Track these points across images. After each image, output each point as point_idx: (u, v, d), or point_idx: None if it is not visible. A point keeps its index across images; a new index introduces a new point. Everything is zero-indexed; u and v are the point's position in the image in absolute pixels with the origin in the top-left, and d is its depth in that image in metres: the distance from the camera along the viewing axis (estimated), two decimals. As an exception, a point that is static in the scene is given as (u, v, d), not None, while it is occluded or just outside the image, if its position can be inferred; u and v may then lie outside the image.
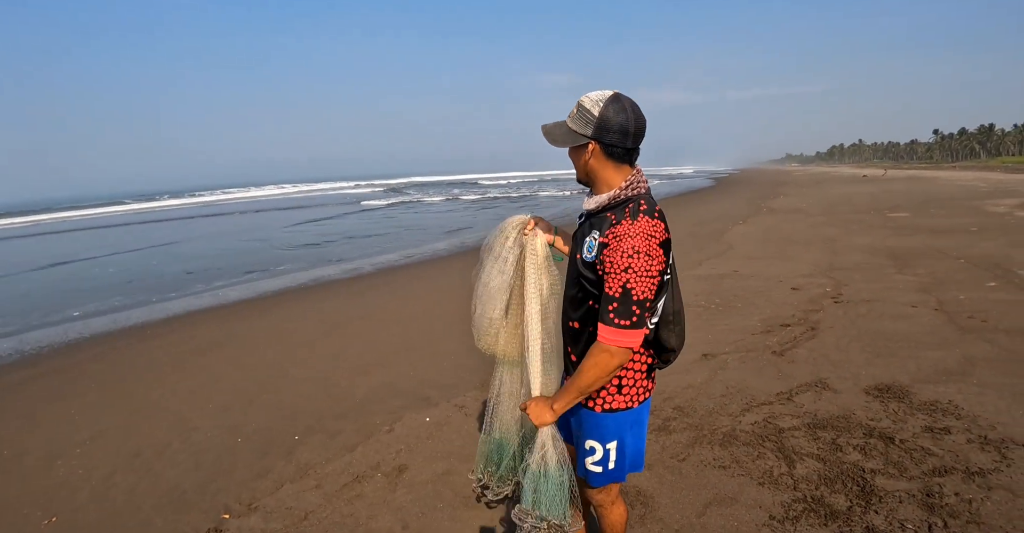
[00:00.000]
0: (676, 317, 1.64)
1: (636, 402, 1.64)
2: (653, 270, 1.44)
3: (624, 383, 1.62)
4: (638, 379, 1.63)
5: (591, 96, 1.50)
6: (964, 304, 5.11)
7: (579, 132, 1.51)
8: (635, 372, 1.62)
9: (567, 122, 1.54)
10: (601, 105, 1.47)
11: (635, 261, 1.42)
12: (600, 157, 1.52)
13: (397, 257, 10.85)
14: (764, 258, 8.15)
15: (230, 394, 4.20)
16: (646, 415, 1.71)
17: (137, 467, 3.23)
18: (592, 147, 1.51)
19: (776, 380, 3.68)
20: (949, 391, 3.33)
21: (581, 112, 1.50)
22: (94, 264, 12.35)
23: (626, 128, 1.48)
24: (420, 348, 4.97)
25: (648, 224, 1.46)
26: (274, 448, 3.33)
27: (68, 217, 34.07)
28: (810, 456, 2.72)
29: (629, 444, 1.68)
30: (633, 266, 1.42)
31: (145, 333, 6.14)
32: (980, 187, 21.80)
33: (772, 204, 18.22)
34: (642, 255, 1.42)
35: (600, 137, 1.49)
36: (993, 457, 2.60)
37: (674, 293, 1.63)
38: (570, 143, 1.54)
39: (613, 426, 1.65)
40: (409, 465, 3.01)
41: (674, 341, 1.64)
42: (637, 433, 1.69)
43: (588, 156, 1.53)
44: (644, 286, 1.43)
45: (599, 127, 1.48)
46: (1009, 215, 11.72)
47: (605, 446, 1.66)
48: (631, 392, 1.63)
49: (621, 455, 1.67)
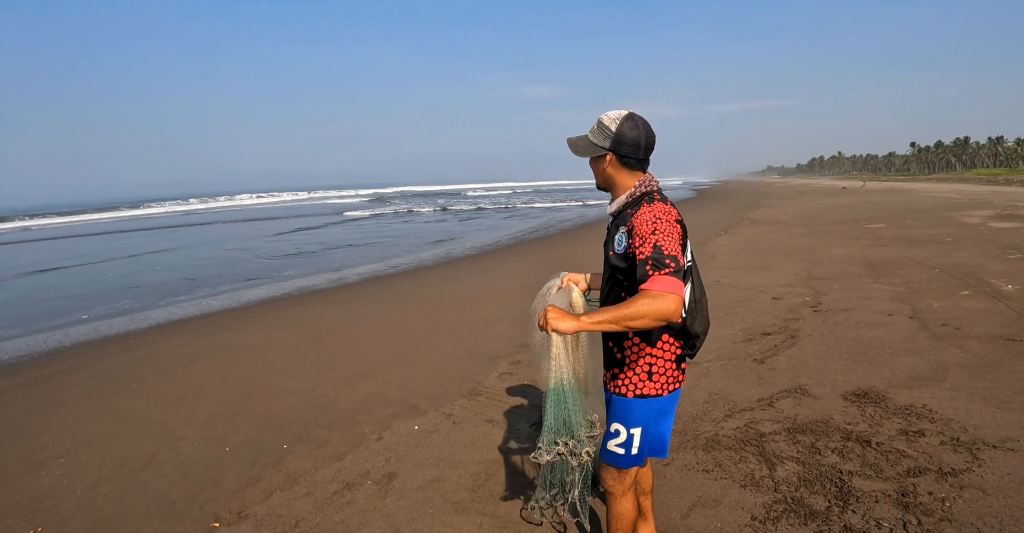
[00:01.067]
0: (699, 304, 1.79)
1: (666, 390, 1.77)
2: (676, 236, 1.60)
3: (655, 370, 1.76)
4: (668, 369, 1.77)
5: (610, 115, 1.75)
6: (938, 312, 5.26)
7: (598, 144, 1.75)
8: (665, 361, 1.76)
9: (588, 136, 1.78)
10: (618, 122, 1.72)
11: (659, 224, 1.60)
12: (616, 165, 1.76)
13: (382, 266, 10.86)
14: (745, 268, 8.30)
15: (216, 404, 4.17)
16: (674, 405, 1.83)
17: (123, 477, 3.19)
18: (609, 157, 1.75)
19: (757, 387, 3.77)
20: (923, 396, 3.44)
21: (600, 127, 1.74)
22: (77, 273, 12.20)
23: (638, 141, 1.72)
24: (406, 358, 4.99)
25: (664, 207, 1.67)
26: (262, 458, 3.31)
27: (52, 224, 33.58)
28: (790, 459, 2.80)
29: (653, 432, 1.79)
30: (659, 228, 1.59)
31: (129, 342, 6.09)
32: (955, 199, 22.33)
33: (753, 215, 18.50)
34: (663, 221, 1.61)
35: (616, 149, 1.73)
36: (965, 458, 2.70)
37: (695, 281, 1.79)
38: (591, 154, 1.78)
39: (640, 412, 1.77)
40: (399, 472, 3.02)
41: (698, 326, 1.78)
42: (662, 422, 1.81)
43: (606, 165, 1.77)
44: (673, 243, 1.58)
45: (615, 140, 1.72)
46: (983, 226, 12.04)
47: (630, 430, 1.77)
48: (661, 380, 1.76)
49: (645, 441, 1.78)
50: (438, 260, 11.54)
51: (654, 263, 1.54)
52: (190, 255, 14.52)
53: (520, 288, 7.38)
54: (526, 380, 4.15)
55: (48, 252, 17.96)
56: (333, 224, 24.30)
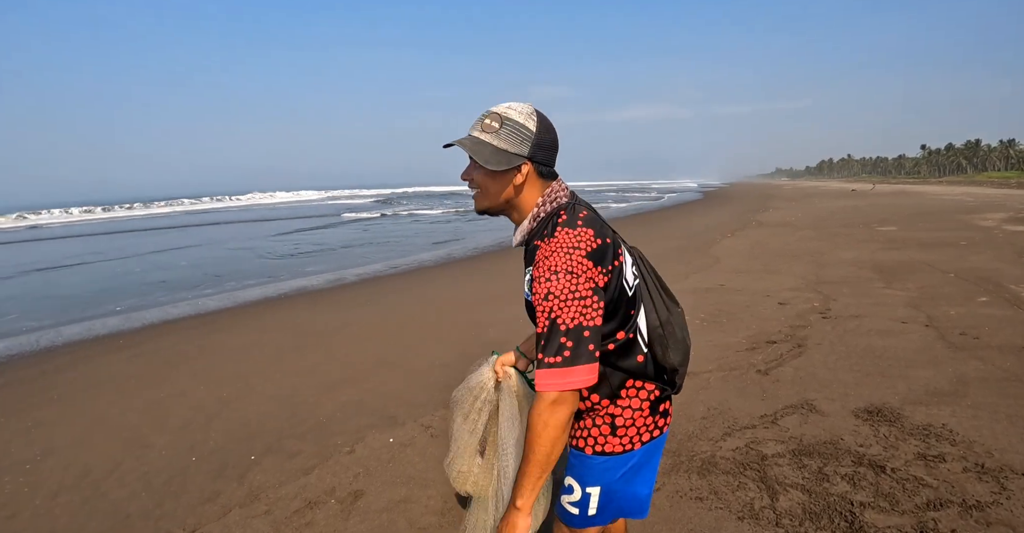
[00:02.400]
0: (666, 328, 1.39)
1: (638, 444, 1.38)
2: (581, 289, 1.20)
3: (619, 423, 1.36)
4: (639, 417, 1.37)
5: (516, 108, 1.29)
6: (955, 320, 4.97)
7: (513, 151, 1.27)
8: (631, 410, 1.36)
9: (488, 140, 1.28)
10: (535, 119, 1.29)
11: (553, 284, 1.20)
12: (533, 179, 1.33)
13: (382, 267, 10.64)
14: (751, 272, 8.01)
15: (191, 410, 4.00)
16: (653, 457, 1.44)
17: (84, 487, 3.04)
18: (527, 169, 1.30)
19: (760, 401, 3.50)
20: (942, 414, 3.16)
21: (512, 127, 1.27)
22: (76, 271, 12.07)
23: (555, 143, 1.33)
24: (393, 364, 4.76)
25: (568, 236, 1.24)
26: (228, 469, 3.13)
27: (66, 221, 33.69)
28: (794, 487, 2.52)
29: (620, 491, 1.40)
30: (553, 290, 1.20)
31: (118, 343, 5.91)
32: (967, 201, 21.93)
33: (761, 217, 18.18)
34: (561, 274, 1.20)
35: (534, 155, 1.29)
36: (991, 488, 2.42)
37: (655, 302, 1.40)
38: (504, 165, 1.27)
39: (601, 470, 1.38)
40: (366, 490, 2.81)
41: (673, 357, 1.38)
42: (635, 479, 1.42)
43: (522, 179, 1.30)
44: (572, 311, 1.18)
45: (536, 145, 1.29)
46: (998, 229, 11.69)
47: (585, 489, 1.40)
48: (630, 433, 1.37)
49: (606, 501, 1.40)
50: (438, 261, 11.32)
51: (546, 348, 1.19)
52: (193, 254, 14.39)
53: (517, 290, 7.14)
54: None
55: (52, 251, 17.91)
56: (340, 224, 24.15)
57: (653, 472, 1.45)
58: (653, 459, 1.44)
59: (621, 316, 1.32)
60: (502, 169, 1.28)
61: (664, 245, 11.51)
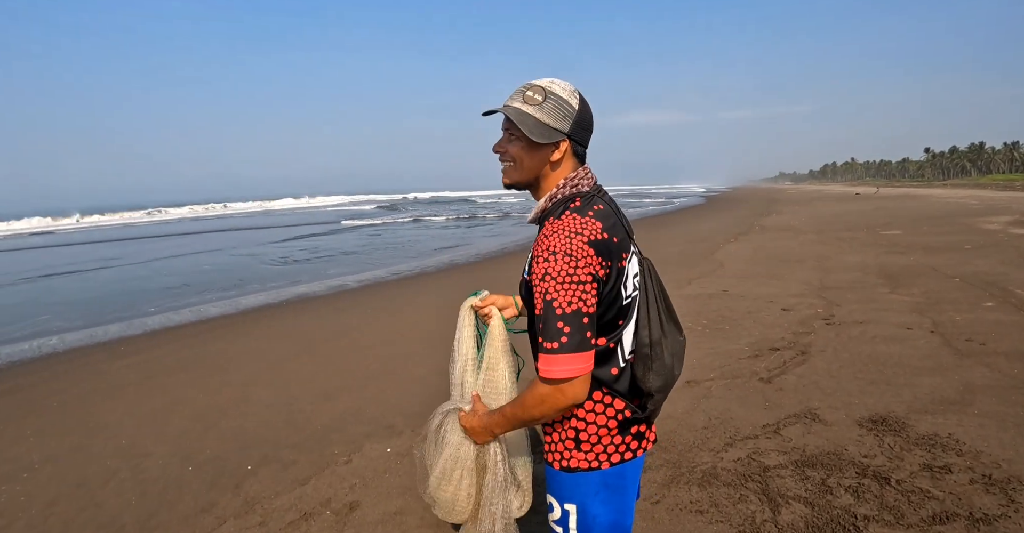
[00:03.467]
0: (655, 348, 1.30)
1: (605, 462, 1.31)
2: (580, 274, 1.15)
3: (583, 438, 1.30)
4: (603, 435, 1.30)
5: (559, 84, 1.27)
6: (961, 325, 4.90)
7: (554, 126, 1.25)
8: (596, 425, 1.30)
9: (531, 111, 1.24)
10: (577, 97, 1.27)
11: (551, 265, 1.15)
12: (568, 157, 1.30)
13: (384, 273, 10.62)
14: (754, 277, 7.95)
15: (189, 419, 3.98)
16: (629, 482, 1.36)
17: (80, 496, 3.02)
18: (565, 145, 1.28)
19: (763, 410, 3.44)
20: (948, 422, 3.10)
21: (556, 101, 1.25)
22: (80, 278, 12.11)
23: (592, 125, 1.31)
24: (392, 372, 4.72)
25: (574, 221, 1.20)
26: (224, 479, 3.11)
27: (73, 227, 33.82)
28: (797, 499, 2.47)
29: (597, 514, 1.33)
30: (550, 271, 1.15)
31: (119, 350, 5.92)
32: (972, 204, 21.81)
33: (764, 222, 18.10)
34: (560, 255, 1.15)
35: (574, 133, 1.27)
36: (999, 500, 2.36)
37: (651, 320, 1.31)
38: (545, 138, 1.25)
39: (571, 486, 1.33)
40: (362, 502, 2.77)
41: (653, 381, 1.30)
42: (609, 501, 1.34)
43: (559, 155, 1.28)
44: (569, 295, 1.14)
45: (577, 123, 1.27)
46: (1003, 232, 11.60)
47: (563, 506, 1.34)
48: (596, 450, 1.30)
49: (584, 524, 1.34)
50: (440, 266, 11.29)
51: (544, 331, 1.16)
52: (198, 260, 14.43)
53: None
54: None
55: (60, 256, 17.95)
56: (345, 230, 24.16)
57: (629, 499, 1.38)
58: (628, 484, 1.37)
59: (608, 323, 1.26)
60: (543, 141, 1.25)
61: (667, 250, 11.46)
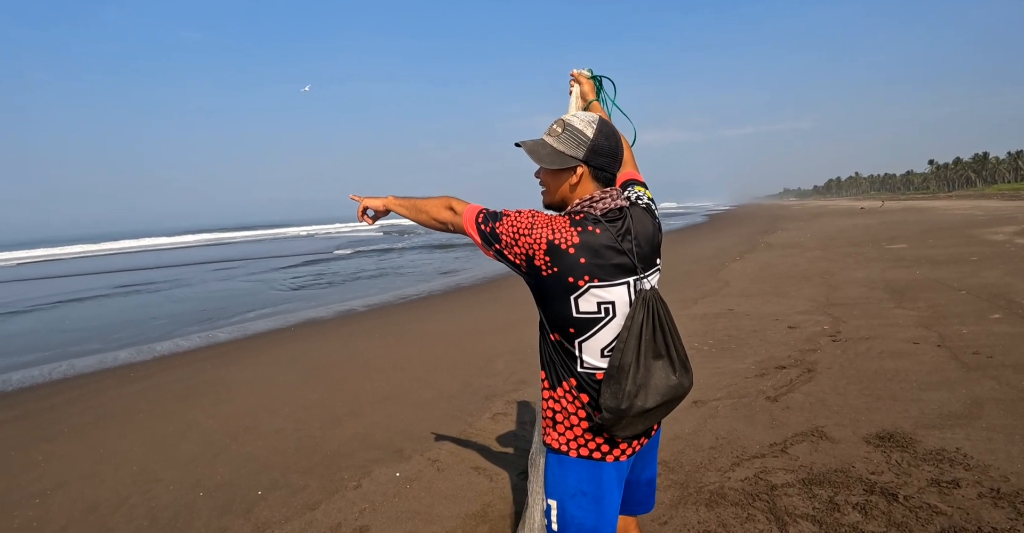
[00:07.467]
0: (619, 374, 1.32)
1: (572, 451, 1.44)
2: (522, 225, 1.41)
3: (558, 419, 1.46)
4: (573, 422, 1.43)
5: (579, 116, 1.44)
6: (967, 339, 4.89)
7: (568, 154, 1.42)
8: (567, 412, 1.44)
9: (551, 142, 1.45)
10: (594, 127, 1.42)
11: (513, 215, 1.45)
12: (587, 181, 1.45)
13: (391, 297, 10.68)
14: (760, 295, 7.96)
15: (199, 444, 4.02)
16: (605, 492, 1.42)
17: (91, 522, 3.06)
18: (581, 170, 1.43)
19: (770, 429, 3.45)
20: (956, 437, 3.10)
21: (571, 132, 1.42)
22: (91, 304, 12.21)
23: (614, 152, 1.45)
24: (399, 395, 4.75)
25: (557, 219, 1.42)
26: (234, 505, 3.13)
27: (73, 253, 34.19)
28: (804, 518, 2.47)
29: (575, 515, 1.42)
30: (509, 214, 1.46)
31: (130, 376, 5.97)
32: (977, 215, 21.75)
33: (769, 239, 18.10)
34: (524, 214, 1.44)
35: (590, 160, 1.42)
36: (1008, 514, 2.36)
37: (627, 346, 1.32)
38: (558, 164, 1.43)
39: (551, 478, 1.48)
40: (371, 526, 2.78)
41: (608, 399, 1.33)
42: (585, 507, 1.42)
43: (576, 180, 1.44)
44: (505, 225, 1.43)
45: (592, 150, 1.42)
46: (1009, 243, 11.56)
47: (547, 499, 1.49)
48: (567, 434, 1.45)
49: (563, 521, 1.44)
50: (447, 289, 11.35)
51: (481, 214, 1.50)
52: (207, 288, 14.54)
53: (525, 318, 7.12)
54: (521, 420, 3.88)
55: (69, 284, 18.13)
56: (351, 256, 24.31)
57: (608, 510, 1.44)
58: (609, 496, 1.43)
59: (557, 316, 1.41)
60: (555, 168, 1.44)
61: (672, 270, 11.47)
